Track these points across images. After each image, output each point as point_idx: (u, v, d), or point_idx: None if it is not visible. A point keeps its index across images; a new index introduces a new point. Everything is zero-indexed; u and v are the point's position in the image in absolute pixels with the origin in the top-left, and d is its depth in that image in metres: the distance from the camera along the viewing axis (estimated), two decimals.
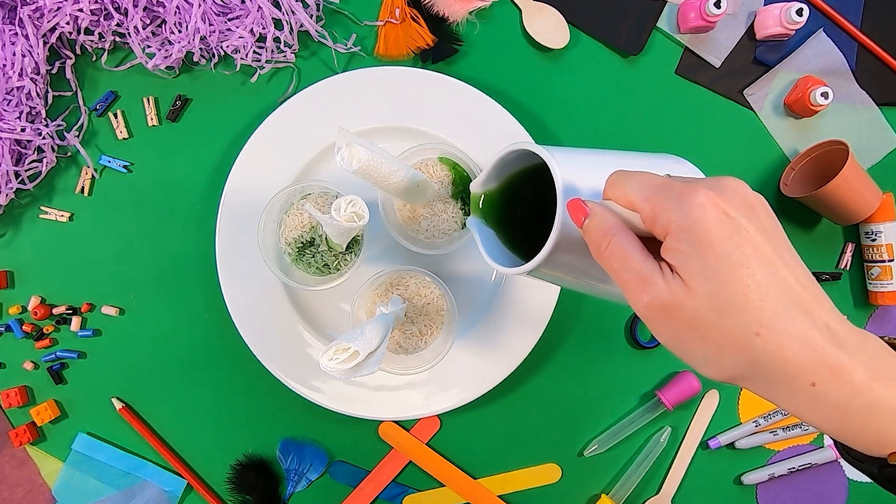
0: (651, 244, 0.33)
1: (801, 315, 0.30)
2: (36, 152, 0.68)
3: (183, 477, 0.71)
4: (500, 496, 0.72)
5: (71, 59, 0.69)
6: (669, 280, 0.31)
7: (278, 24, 0.68)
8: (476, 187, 0.46)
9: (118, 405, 0.70)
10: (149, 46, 0.68)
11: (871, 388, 0.30)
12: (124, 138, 0.70)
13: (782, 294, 0.30)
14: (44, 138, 0.67)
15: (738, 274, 0.30)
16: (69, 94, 0.70)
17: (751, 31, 0.72)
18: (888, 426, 0.31)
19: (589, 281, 0.42)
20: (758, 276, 0.30)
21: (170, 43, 0.67)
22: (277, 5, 0.67)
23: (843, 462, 0.76)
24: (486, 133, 0.67)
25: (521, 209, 0.46)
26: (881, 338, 0.34)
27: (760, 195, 0.33)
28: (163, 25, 0.67)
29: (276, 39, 0.68)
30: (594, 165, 0.39)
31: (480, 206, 0.47)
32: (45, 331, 0.70)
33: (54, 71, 0.69)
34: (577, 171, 0.38)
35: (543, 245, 0.37)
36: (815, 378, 0.30)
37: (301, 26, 0.68)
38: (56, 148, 0.69)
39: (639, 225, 0.34)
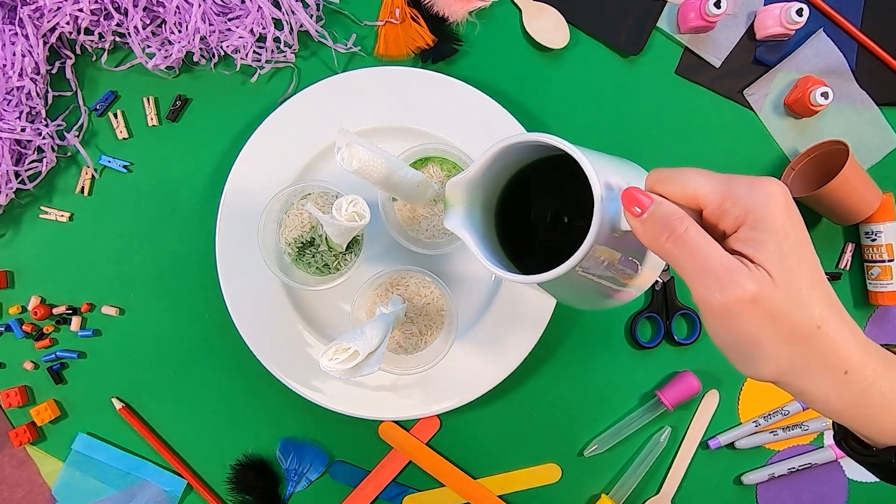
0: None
1: (837, 310, 0.32)
2: (36, 152, 0.68)
3: (183, 477, 0.71)
4: (500, 496, 0.72)
5: (71, 59, 0.69)
6: (755, 271, 0.31)
7: (278, 24, 0.68)
8: (459, 184, 0.42)
9: (118, 405, 0.70)
10: (149, 46, 0.68)
11: (887, 374, 0.32)
12: (124, 138, 0.70)
13: (826, 290, 0.32)
14: (44, 138, 0.67)
15: (803, 267, 0.31)
16: (69, 94, 0.70)
17: (751, 31, 0.72)
18: None
19: (606, 284, 0.40)
20: (813, 271, 0.32)
21: (170, 43, 0.67)
22: (277, 5, 0.67)
23: (843, 462, 0.76)
24: (486, 133, 0.67)
25: (512, 210, 0.44)
26: (886, 346, 0.36)
27: None
28: (163, 25, 0.67)
29: (276, 39, 0.68)
30: (602, 163, 0.37)
31: (461, 204, 0.43)
32: (45, 331, 0.70)
33: (54, 71, 0.69)
34: (598, 168, 0.36)
35: (542, 248, 0.36)
36: (847, 366, 0.32)
37: (301, 26, 0.68)
38: (56, 148, 0.69)
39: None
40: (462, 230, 0.42)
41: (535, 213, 0.44)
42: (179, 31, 0.66)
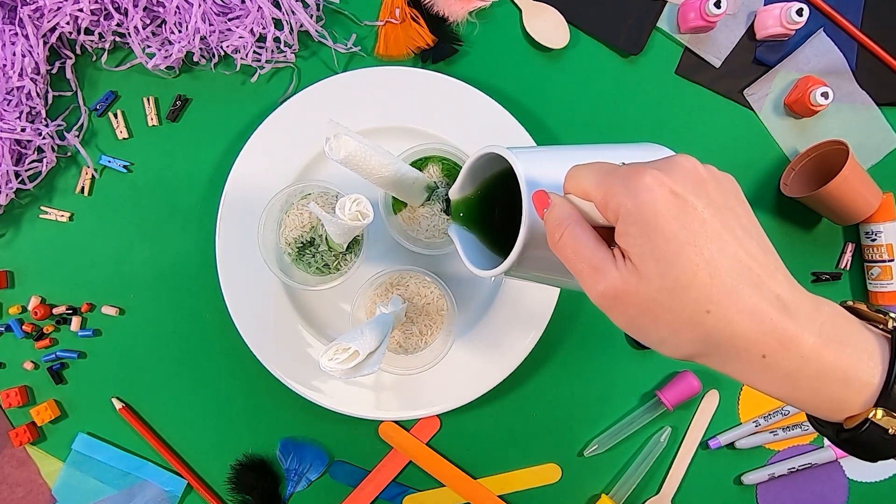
0: (611, 233, 0.33)
1: (749, 289, 0.30)
2: (36, 152, 0.68)
3: (183, 477, 0.71)
4: (500, 496, 0.72)
5: (71, 59, 0.69)
6: (621, 267, 0.32)
7: (278, 24, 0.68)
8: (454, 194, 0.46)
9: (118, 405, 0.70)
10: (149, 46, 0.68)
11: (821, 355, 0.30)
12: (124, 138, 0.70)
13: (731, 269, 0.30)
14: (44, 138, 0.67)
15: (685, 253, 0.30)
16: (69, 94, 0.70)
17: (751, 31, 0.72)
18: (839, 391, 0.31)
19: (560, 277, 0.42)
20: (705, 253, 0.30)
21: (170, 43, 0.67)
22: (277, 5, 0.67)
23: (843, 462, 0.76)
24: (486, 133, 0.67)
25: (498, 212, 0.46)
26: (841, 303, 0.34)
27: (714, 168, 0.33)
28: (163, 25, 0.67)
29: (276, 39, 0.68)
30: (563, 162, 0.38)
31: (460, 212, 0.47)
32: (45, 331, 0.70)
33: (54, 71, 0.69)
34: (543, 169, 0.38)
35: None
36: (764, 350, 0.30)
37: (301, 26, 0.68)
38: (56, 148, 0.69)
39: (597, 217, 0.34)
40: (453, 235, 0.46)
41: (512, 214, 0.45)
42: (179, 31, 0.66)
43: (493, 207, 0.47)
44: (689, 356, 0.33)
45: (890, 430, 0.31)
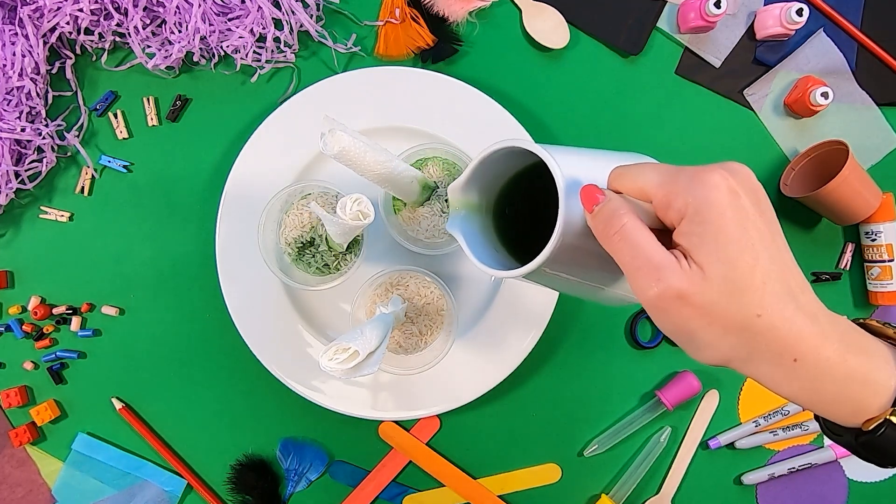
0: (661, 237, 0.33)
1: (790, 298, 0.32)
2: (36, 152, 0.68)
3: (183, 477, 0.71)
4: (500, 496, 0.72)
5: (71, 59, 0.69)
6: (685, 267, 0.31)
7: (278, 24, 0.68)
8: (456, 189, 0.44)
9: (118, 405, 0.70)
10: (149, 46, 0.68)
11: (844, 359, 0.32)
12: (124, 138, 0.70)
13: (777, 278, 0.31)
14: (44, 138, 0.67)
15: (745, 257, 0.31)
16: (69, 94, 0.70)
17: (751, 31, 0.72)
18: (860, 394, 0.32)
19: (589, 282, 0.41)
20: (761, 259, 0.31)
21: (170, 43, 0.67)
22: (277, 5, 0.67)
23: (843, 462, 0.76)
24: (486, 133, 0.67)
25: (509, 210, 0.45)
26: (853, 320, 0.35)
27: (759, 182, 0.33)
28: (163, 25, 0.67)
29: (276, 39, 0.68)
30: (582, 160, 0.38)
31: (462, 208, 0.45)
32: (45, 331, 0.70)
33: (54, 71, 0.69)
34: (569, 165, 0.37)
35: (538, 245, 0.37)
36: (796, 354, 0.32)
37: (301, 26, 0.68)
38: (56, 148, 0.69)
39: (648, 217, 0.34)
40: (456, 231, 0.44)
41: (528, 213, 0.44)
42: (179, 31, 0.66)
43: (503, 206, 0.46)
44: (727, 360, 0.33)
45: None
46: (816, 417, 0.37)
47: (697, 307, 0.31)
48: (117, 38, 0.68)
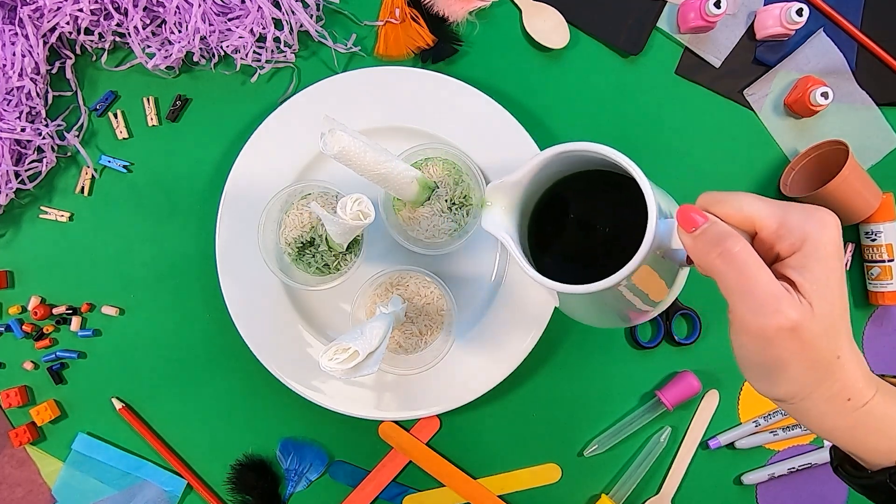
0: None
1: (851, 340, 0.34)
2: (36, 152, 0.68)
3: (183, 477, 0.71)
4: (500, 496, 0.72)
5: (71, 59, 0.69)
6: (799, 300, 0.32)
7: (278, 24, 0.68)
8: (506, 186, 0.42)
9: (118, 405, 0.70)
10: (149, 46, 0.68)
11: (884, 400, 0.35)
12: (124, 138, 0.70)
13: (848, 319, 0.34)
14: (44, 138, 0.67)
15: (840, 297, 0.33)
16: (69, 94, 0.70)
17: (751, 31, 0.72)
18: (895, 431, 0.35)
19: (631, 301, 0.40)
20: (845, 300, 0.34)
21: (170, 43, 0.67)
22: (277, 5, 0.67)
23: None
24: (485, 133, 0.67)
25: (546, 218, 0.44)
26: (881, 376, 0.38)
27: None
28: (163, 25, 0.67)
29: (276, 39, 0.68)
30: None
31: (498, 207, 0.43)
32: (45, 331, 0.70)
33: (54, 71, 0.69)
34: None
35: (580, 257, 0.37)
36: (851, 394, 0.34)
37: (301, 26, 0.68)
38: (56, 148, 0.69)
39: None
40: (503, 233, 0.42)
41: (575, 222, 0.44)
42: (179, 31, 0.66)
43: (547, 211, 0.44)
44: (793, 395, 0.35)
45: None
46: (839, 468, 0.39)
47: (803, 342, 0.32)
48: (117, 38, 0.68)
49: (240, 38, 0.66)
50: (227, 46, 0.67)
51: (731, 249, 0.33)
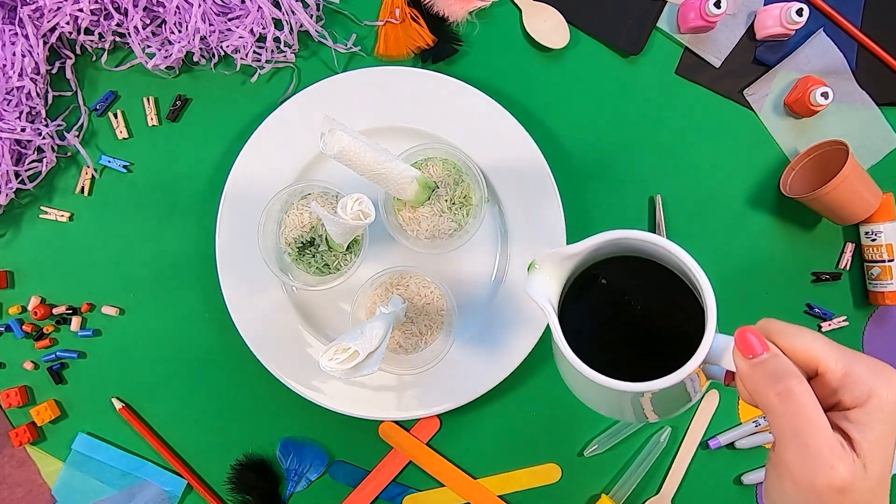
0: None
1: (888, 498, 0.33)
2: (36, 152, 0.68)
3: (183, 477, 0.71)
4: (500, 496, 0.72)
5: (71, 59, 0.69)
6: (854, 459, 0.31)
7: (278, 24, 0.68)
8: (562, 255, 0.39)
9: (118, 405, 0.70)
10: (149, 46, 0.68)
11: None
12: (124, 138, 0.70)
13: (889, 480, 0.33)
14: (44, 138, 0.67)
15: (890, 459, 0.32)
16: (69, 94, 0.70)
17: (751, 31, 0.72)
18: None
19: (637, 409, 0.39)
20: (892, 461, 0.32)
21: (170, 43, 0.67)
22: (277, 5, 0.67)
23: None
24: (485, 133, 0.67)
25: (588, 299, 0.41)
26: None
27: None
28: (163, 25, 0.67)
29: (276, 39, 0.68)
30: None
31: (550, 278, 0.40)
32: (45, 331, 0.70)
33: (54, 71, 0.69)
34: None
35: (606, 350, 0.35)
36: None
37: (301, 26, 0.68)
38: (56, 148, 0.69)
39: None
40: (547, 304, 0.39)
41: (612, 308, 0.41)
42: (179, 31, 0.66)
43: (584, 291, 0.41)
44: None
45: None
46: None
47: (851, 501, 0.31)
48: (117, 38, 0.68)
49: (240, 38, 0.66)
50: (227, 46, 0.67)
51: (793, 391, 0.31)
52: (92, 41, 0.68)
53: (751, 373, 0.33)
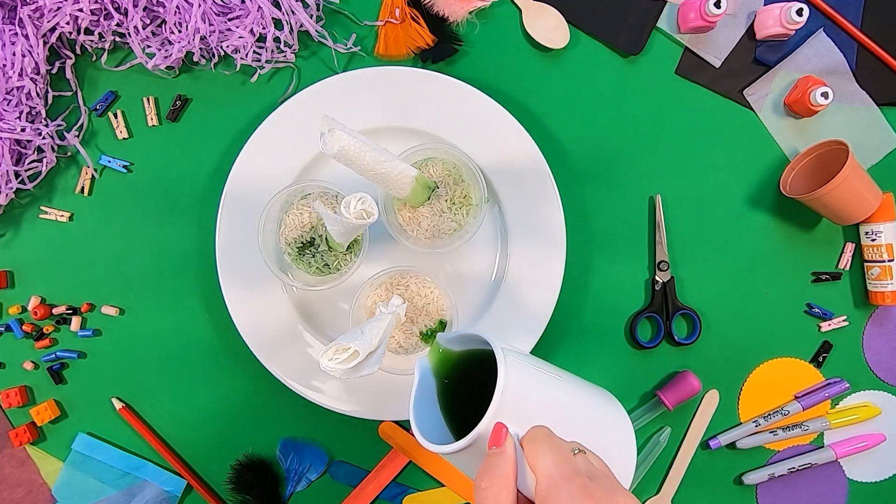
0: None
1: None
2: (36, 152, 0.68)
3: (183, 477, 0.71)
4: None
5: (71, 59, 0.69)
6: None
7: (278, 24, 0.68)
8: (441, 341, 0.51)
9: (118, 405, 0.70)
10: (149, 46, 0.68)
11: None
12: (124, 138, 0.70)
13: None
14: (44, 138, 0.67)
15: None
16: (69, 94, 0.70)
17: (751, 31, 0.72)
18: None
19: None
20: None
21: (170, 43, 0.67)
22: (277, 5, 0.67)
23: (843, 462, 0.76)
24: (485, 133, 0.67)
25: (466, 384, 0.49)
26: None
27: None
28: (163, 25, 0.67)
29: (276, 39, 0.68)
30: (540, 385, 0.44)
31: (434, 361, 0.51)
32: (45, 331, 0.70)
33: (54, 71, 0.69)
34: (521, 384, 0.42)
35: (464, 419, 0.42)
36: None
37: (301, 26, 0.68)
38: (56, 148, 0.69)
39: (531, 486, 0.37)
40: (418, 373, 0.49)
41: (471, 388, 0.48)
42: (179, 31, 0.66)
43: (463, 376, 0.50)
44: None
45: None
46: None
47: None
48: (117, 38, 0.68)
49: (240, 38, 0.66)
50: (227, 46, 0.67)
51: (497, 486, 0.36)
52: (92, 41, 0.68)
53: (483, 461, 0.38)
